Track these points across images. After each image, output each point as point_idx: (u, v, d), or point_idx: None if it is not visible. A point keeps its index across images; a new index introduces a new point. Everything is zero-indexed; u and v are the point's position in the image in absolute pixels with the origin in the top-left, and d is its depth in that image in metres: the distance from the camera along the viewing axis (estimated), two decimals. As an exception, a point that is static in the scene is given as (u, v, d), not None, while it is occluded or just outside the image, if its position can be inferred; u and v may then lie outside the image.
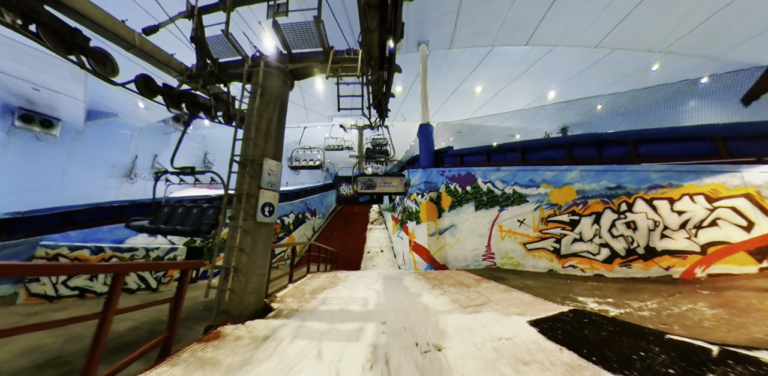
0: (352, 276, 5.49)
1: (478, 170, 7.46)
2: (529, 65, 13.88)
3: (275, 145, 3.71)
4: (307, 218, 14.38)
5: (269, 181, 3.50)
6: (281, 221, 12.13)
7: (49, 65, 10.02)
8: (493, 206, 6.97)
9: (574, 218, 5.65)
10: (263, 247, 3.41)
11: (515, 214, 6.52)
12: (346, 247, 13.25)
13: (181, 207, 4.07)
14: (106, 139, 14.37)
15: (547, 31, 10.23)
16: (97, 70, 3.28)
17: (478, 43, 10.54)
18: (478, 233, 7.25)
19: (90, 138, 13.80)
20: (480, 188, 7.35)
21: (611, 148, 5.61)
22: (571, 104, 12.01)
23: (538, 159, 6.49)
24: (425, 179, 8.91)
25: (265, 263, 3.44)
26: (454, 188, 8.09)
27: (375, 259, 11.88)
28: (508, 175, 6.75)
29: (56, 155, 12.57)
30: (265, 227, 3.45)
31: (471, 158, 8.02)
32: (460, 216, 7.78)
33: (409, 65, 13.56)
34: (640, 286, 4.74)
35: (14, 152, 11.15)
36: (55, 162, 12.47)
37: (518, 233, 6.44)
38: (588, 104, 13.96)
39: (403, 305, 3.23)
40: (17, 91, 10.87)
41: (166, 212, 4.16)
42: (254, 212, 3.34)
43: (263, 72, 3.63)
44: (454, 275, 5.81)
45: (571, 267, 5.67)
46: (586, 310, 3.39)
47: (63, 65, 9.92)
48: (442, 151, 9.14)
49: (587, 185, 5.53)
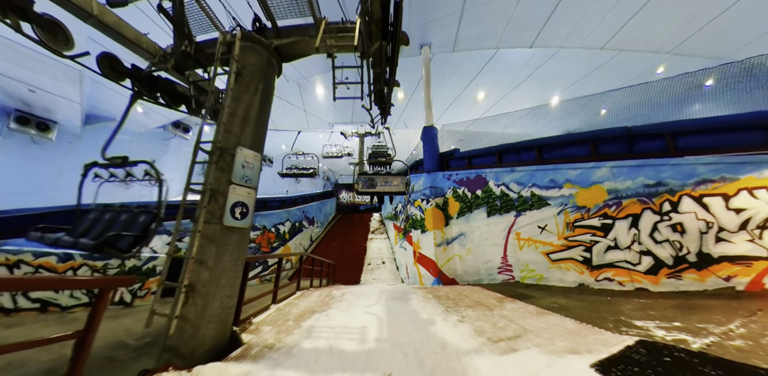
0: (349, 294, 4.64)
1: (489, 172, 6.76)
2: (533, 69, 13.59)
3: (254, 135, 3.04)
4: (304, 226, 13.55)
5: (243, 176, 2.79)
6: (276, 230, 11.31)
7: (44, 66, 9.69)
8: (509, 211, 6.21)
9: (607, 222, 4.88)
10: (232, 259, 2.64)
11: (535, 219, 5.74)
12: (345, 258, 12.33)
13: (109, 212, 3.17)
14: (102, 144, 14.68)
15: (552, 32, 9.91)
16: (46, 41, 2.68)
17: (482, 46, 10.19)
18: (492, 241, 6.43)
19: (87, 142, 13.51)
20: (492, 191, 6.62)
21: (644, 142, 4.93)
22: (576, 104, 11.50)
23: (558, 157, 5.80)
24: (430, 184, 8.20)
25: (233, 282, 2.66)
26: (462, 193, 7.36)
27: (376, 271, 10.93)
28: (524, 177, 6.04)
29: (52, 159, 12.33)
30: (235, 233, 2.70)
31: (480, 160, 7.34)
32: (470, 223, 7.00)
33: (411, 71, 13.27)
34: (701, 302, 3.89)
35: (8, 155, 10.81)
36: (50, 165, 12.21)
37: (539, 241, 5.64)
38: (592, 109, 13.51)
39: (413, 341, 2.41)
40: (13, 92, 10.55)
41: (90, 219, 3.21)
42: (221, 213, 2.60)
43: (241, 47, 3.02)
44: (469, 292, 4.95)
45: (606, 280, 4.83)
46: (656, 341, 2.56)
47: (58, 66, 9.62)
48: (447, 154, 8.49)
49: (620, 183, 4.80)
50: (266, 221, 10.87)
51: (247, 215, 2.77)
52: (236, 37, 2.88)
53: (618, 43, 10.90)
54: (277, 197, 11.83)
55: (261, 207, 11.03)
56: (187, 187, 2.61)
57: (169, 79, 4.12)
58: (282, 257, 4.26)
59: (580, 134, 5.47)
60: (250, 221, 2.80)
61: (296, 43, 3.29)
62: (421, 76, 10.76)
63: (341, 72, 6.66)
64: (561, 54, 12.52)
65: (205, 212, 2.55)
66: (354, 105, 17.28)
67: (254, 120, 3.02)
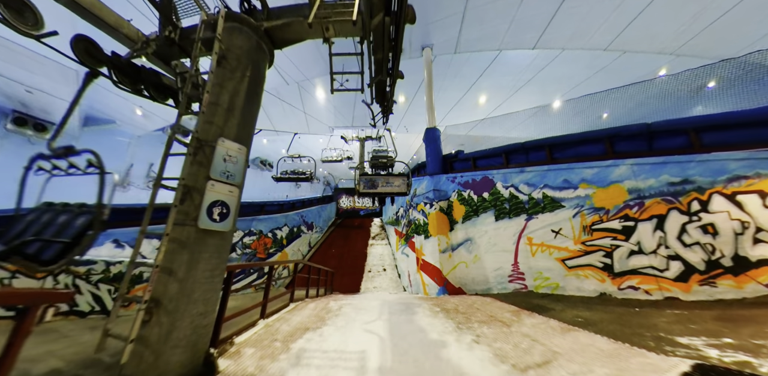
0: (347, 307, 4.20)
1: (496, 174, 6.39)
2: (535, 72, 13.43)
3: (240, 126, 2.69)
4: (302, 231, 13.09)
5: (224, 171, 2.42)
6: (273, 235, 10.86)
7: (40, 66, 9.52)
8: (519, 214, 5.81)
9: (628, 224, 4.48)
10: (208, 269, 2.24)
11: (548, 223, 5.34)
12: (344, 265, 11.83)
13: (49, 212, 2.62)
14: (101, 146, 14.55)
15: (555, 33, 9.75)
16: (10, 20, 2.37)
17: (484, 47, 10.01)
18: (501, 247, 6.01)
19: (85, 144, 13.79)
20: (500, 193, 6.24)
21: (665, 139, 4.58)
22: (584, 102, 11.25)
23: (571, 156, 5.44)
24: (433, 187, 7.82)
25: (210, 295, 2.25)
26: (468, 196, 6.98)
27: (377, 279, 10.42)
28: (535, 177, 5.67)
29: None
30: (213, 237, 2.31)
31: (486, 161, 6.99)
32: (477, 228, 6.58)
33: (412, 74, 13.10)
34: (744, 312, 3.46)
35: (5, 156, 10.64)
36: None
37: (554, 246, 5.22)
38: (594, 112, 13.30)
39: (422, 372, 1.97)
40: (10, 93, 10.42)
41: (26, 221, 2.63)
42: (196, 213, 2.22)
43: (226, 28, 2.71)
44: (480, 304, 4.50)
45: (630, 289, 4.39)
46: (715, 365, 2.13)
47: (53, 66, 9.51)
48: (451, 156, 8.15)
49: (642, 182, 4.43)
50: (263, 225, 10.43)
51: (228, 217, 2.38)
52: (219, 15, 2.56)
53: (621, 43, 10.74)
54: (274, 201, 11.41)
55: (257, 211, 10.62)
56: (157, 182, 2.23)
57: (154, 70, 3.81)
58: (273, 265, 3.83)
59: (595, 132, 5.13)
60: (231, 223, 2.41)
61: (289, 25, 2.97)
62: (423, 78, 10.55)
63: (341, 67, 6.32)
64: (563, 57, 12.37)
65: (176, 212, 2.16)
66: (354, 109, 17.10)
67: (240, 111, 2.67)
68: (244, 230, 9.77)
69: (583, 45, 10.48)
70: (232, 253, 9.42)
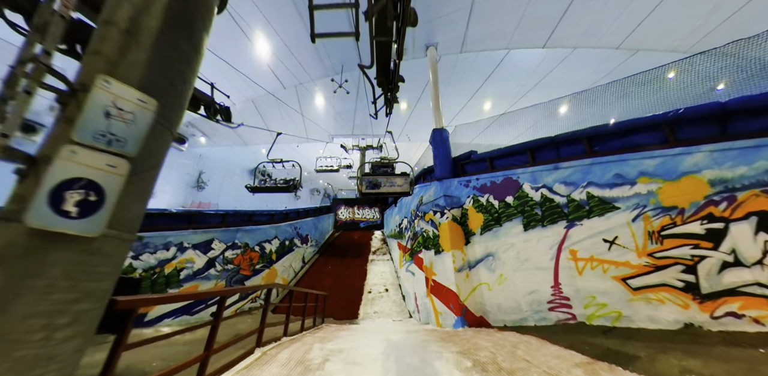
0: (336, 356, 2.93)
1: (522, 173, 5.33)
2: (541, 77, 12.86)
3: (150, 65, 1.66)
4: (295, 245, 11.77)
5: (102, 132, 1.35)
6: (260, 249, 9.59)
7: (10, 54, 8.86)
8: (556, 221, 4.67)
9: (715, 226, 3.34)
10: (45, 313, 1.11)
11: (597, 230, 4.18)
12: (341, 284, 10.41)
13: None
14: None
15: (567, 30, 9.16)
16: None
17: (492, 46, 9.39)
18: (535, 264, 4.79)
19: None
20: (528, 197, 5.13)
21: (744, 122, 3.57)
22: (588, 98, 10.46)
23: (617, 149, 4.40)
24: (444, 193, 6.73)
25: (47, 364, 1.09)
26: (486, 202, 5.86)
27: (378, 302, 8.99)
28: (575, 174, 4.59)
29: None
30: (64, 248, 1.20)
31: (506, 161, 5.96)
32: (500, 240, 5.40)
33: (414, 80, 12.51)
34: None
35: None
36: None
37: (609, 260, 4.02)
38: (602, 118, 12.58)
39: None
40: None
41: None
42: (30, 198, 1.13)
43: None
44: (524, 348, 3.23)
45: (730, 317, 3.17)
46: None
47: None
48: (462, 158, 7.14)
49: (729, 171, 3.35)
50: (249, 237, 9.21)
51: (100, 210, 1.28)
52: None
53: (634, 41, 10.14)
54: (264, 211, 10.24)
55: (245, 221, 9.45)
56: None
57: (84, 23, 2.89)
58: (225, 294, 2.64)
59: (652, 117, 4.13)
60: (102, 220, 1.30)
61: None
62: (428, 80, 9.84)
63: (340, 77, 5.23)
64: (570, 61, 11.85)
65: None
66: (355, 117, 16.48)
67: (152, 39, 1.66)
68: (226, 242, 8.55)
69: (595, 43, 9.88)
70: (210, 269, 8.15)
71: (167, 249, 7.38)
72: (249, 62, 10.09)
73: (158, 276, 7.20)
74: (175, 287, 7.46)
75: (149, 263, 7.07)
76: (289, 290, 10.58)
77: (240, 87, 11.47)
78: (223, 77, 10.65)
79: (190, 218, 8.09)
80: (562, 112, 8.56)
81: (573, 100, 7.47)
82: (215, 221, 8.63)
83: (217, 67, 9.94)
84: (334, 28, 3.17)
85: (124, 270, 6.60)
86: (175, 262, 7.49)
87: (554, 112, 8.46)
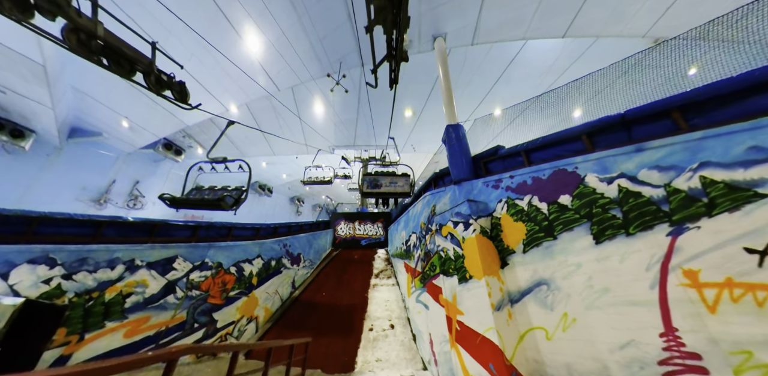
0: None
1: (582, 162, 3.81)
2: (557, 76, 11.83)
3: None
4: (284, 266, 9.95)
5: None
6: (238, 271, 7.86)
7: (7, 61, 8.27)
8: (650, 224, 3.04)
9: None
10: None
11: (731, 234, 2.54)
12: (336, 317, 8.45)
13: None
14: (84, 160, 13.57)
15: (589, 16, 8.20)
16: None
17: (507, 36, 8.41)
18: (623, 296, 3.07)
19: (68, 157, 12.95)
20: (596, 193, 3.56)
21: None
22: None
23: (731, 118, 2.91)
24: (465, 197, 5.20)
25: None
26: (528, 206, 4.28)
27: (381, 344, 6.98)
28: (674, 154, 3.06)
29: (23, 170, 11.46)
30: None
31: (549, 152, 4.48)
32: (555, 260, 3.73)
33: (421, 80, 11.59)
34: None
35: None
36: (19, 176, 11.40)
37: (764, 285, 2.33)
38: None
39: None
40: None
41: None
42: None
43: None
44: None
45: None
46: None
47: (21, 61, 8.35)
48: (485, 155, 5.70)
49: None
50: (224, 256, 7.55)
51: None
52: None
53: (662, 28, 9.07)
54: (248, 224, 8.64)
55: (222, 236, 7.88)
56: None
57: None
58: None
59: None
60: None
61: None
62: (437, 75, 8.79)
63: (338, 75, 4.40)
64: (587, 56, 10.90)
65: None
66: (356, 127, 15.52)
67: None
68: (193, 261, 6.90)
69: (620, 31, 8.83)
70: (168, 296, 6.48)
71: (112, 268, 5.79)
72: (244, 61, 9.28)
73: (95, 303, 5.51)
74: (116, 319, 5.74)
75: (85, 284, 5.44)
76: (274, 321, 8.64)
77: (232, 90, 10.59)
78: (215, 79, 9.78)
79: (151, 229, 6.58)
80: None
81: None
82: (183, 234, 7.08)
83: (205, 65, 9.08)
84: None
85: (49, 293, 4.98)
86: (121, 285, 5.86)
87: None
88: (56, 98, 9.84)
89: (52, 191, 12.41)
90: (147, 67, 3.46)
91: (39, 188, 12.03)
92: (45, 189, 12.23)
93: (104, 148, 14.34)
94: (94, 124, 12.66)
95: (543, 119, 7.88)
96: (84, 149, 13.50)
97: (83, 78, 10.01)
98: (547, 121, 8.08)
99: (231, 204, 6.77)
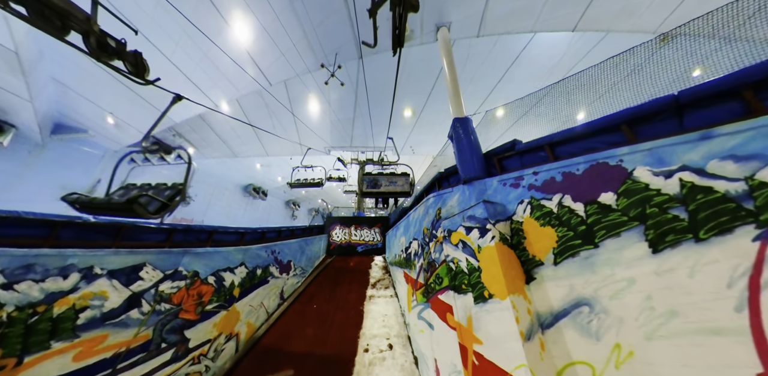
0: None
1: (629, 154, 3.16)
2: (563, 73, 11.40)
3: None
4: (271, 275, 9.06)
5: None
6: (217, 281, 6.98)
7: None
8: (729, 229, 2.37)
9: None
10: None
11: None
12: (328, 336, 7.58)
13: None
14: (67, 158, 12.98)
15: (601, 8, 7.78)
16: None
17: (515, 27, 7.93)
18: (697, 322, 2.37)
19: (51, 154, 12.37)
20: (650, 189, 2.90)
21: None
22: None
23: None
24: (478, 198, 4.51)
25: None
26: (558, 207, 3.61)
27: (377, 369, 6.13)
28: (754, 140, 2.41)
29: (1, 167, 11.02)
30: None
31: (579, 144, 3.84)
32: (598, 273, 3.03)
33: (421, 78, 11.06)
34: None
35: None
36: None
37: None
38: None
39: None
40: None
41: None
42: None
43: None
44: None
45: None
46: None
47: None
48: (499, 151, 5.06)
49: None
50: (201, 263, 6.67)
51: None
52: None
53: (672, 24, 8.71)
54: (230, 228, 7.76)
55: (202, 241, 7.03)
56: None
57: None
58: None
59: None
60: None
61: None
62: (441, 67, 8.23)
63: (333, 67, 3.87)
64: (594, 54, 10.51)
65: None
66: (353, 127, 14.90)
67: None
68: (165, 269, 6.02)
69: (631, 25, 8.43)
70: (132, 310, 5.59)
71: (64, 276, 4.90)
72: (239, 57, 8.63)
73: (40, 319, 4.60)
74: (66, 339, 4.80)
75: (29, 296, 4.53)
76: (256, 340, 7.71)
77: (221, 84, 9.90)
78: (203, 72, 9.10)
79: (117, 231, 5.69)
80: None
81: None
82: (156, 238, 6.22)
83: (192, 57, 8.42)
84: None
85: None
86: (75, 297, 4.95)
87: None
88: (35, 90, 9.10)
89: (33, 189, 11.77)
90: (84, 25, 2.75)
91: (19, 186, 11.35)
92: (25, 187, 11.58)
93: (90, 146, 13.63)
94: (79, 120, 11.95)
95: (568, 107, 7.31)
96: (68, 146, 12.83)
97: (64, 69, 9.27)
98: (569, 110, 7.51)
99: (154, 209, 5.07)
